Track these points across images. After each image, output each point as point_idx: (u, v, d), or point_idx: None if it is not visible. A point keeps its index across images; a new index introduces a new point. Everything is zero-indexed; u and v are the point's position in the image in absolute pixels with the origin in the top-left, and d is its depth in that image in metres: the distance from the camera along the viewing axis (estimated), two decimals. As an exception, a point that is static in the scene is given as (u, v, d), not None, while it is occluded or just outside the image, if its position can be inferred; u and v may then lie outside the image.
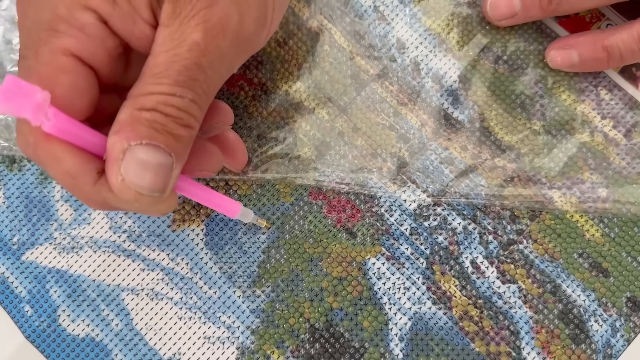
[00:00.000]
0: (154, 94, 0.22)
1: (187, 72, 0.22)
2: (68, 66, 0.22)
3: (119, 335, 0.30)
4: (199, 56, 0.23)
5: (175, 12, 0.23)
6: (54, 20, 0.22)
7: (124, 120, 0.22)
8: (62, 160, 0.22)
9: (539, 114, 0.32)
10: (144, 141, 0.21)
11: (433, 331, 0.30)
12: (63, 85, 0.22)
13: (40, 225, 0.32)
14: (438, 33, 0.33)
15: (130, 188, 0.22)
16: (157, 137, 0.22)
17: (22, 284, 0.31)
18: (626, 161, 0.31)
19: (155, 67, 0.22)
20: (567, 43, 0.32)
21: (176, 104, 0.22)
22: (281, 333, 0.30)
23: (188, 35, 0.22)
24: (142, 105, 0.22)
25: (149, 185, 0.22)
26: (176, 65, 0.22)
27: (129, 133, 0.21)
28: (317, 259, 0.31)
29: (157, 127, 0.22)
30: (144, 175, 0.22)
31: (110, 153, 0.22)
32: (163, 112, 0.22)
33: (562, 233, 0.31)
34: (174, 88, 0.22)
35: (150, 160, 0.22)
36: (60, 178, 0.23)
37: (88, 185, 0.22)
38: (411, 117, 0.32)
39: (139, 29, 0.23)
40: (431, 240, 0.31)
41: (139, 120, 0.22)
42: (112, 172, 0.22)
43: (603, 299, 0.30)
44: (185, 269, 0.31)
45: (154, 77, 0.22)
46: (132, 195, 0.22)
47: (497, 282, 0.30)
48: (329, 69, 0.33)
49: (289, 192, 0.32)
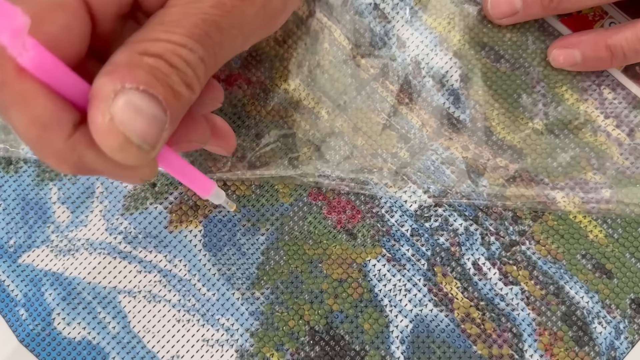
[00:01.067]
0: (161, 41, 0.20)
1: (203, 27, 0.20)
2: (68, 3, 0.19)
3: (116, 338, 0.30)
4: (221, 15, 0.21)
5: None
6: None
7: (120, 61, 0.19)
8: (34, 103, 0.18)
9: (541, 113, 0.32)
10: (141, 87, 0.19)
11: (434, 333, 0.29)
12: (56, 22, 0.19)
13: (37, 227, 0.31)
14: (439, 32, 0.33)
15: (118, 131, 0.18)
16: (156, 86, 0.19)
17: (18, 287, 0.31)
18: (630, 161, 0.31)
19: (168, 15, 0.20)
20: (570, 42, 0.31)
21: (185, 56, 0.20)
22: (280, 335, 0.29)
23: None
24: (146, 49, 0.19)
25: (140, 131, 0.19)
26: (193, 17, 0.20)
27: (125, 75, 0.19)
28: (317, 260, 0.30)
29: (158, 75, 0.19)
30: (137, 120, 0.19)
31: (98, 91, 0.19)
32: (168, 61, 0.19)
33: (565, 234, 0.30)
34: (185, 39, 0.20)
35: (144, 107, 0.19)
36: (26, 127, 0.19)
37: (60, 138, 0.19)
38: (412, 116, 0.32)
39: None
40: (432, 242, 0.30)
41: (138, 64, 0.19)
42: (99, 110, 0.18)
43: (607, 300, 0.29)
44: (183, 270, 0.31)
45: (165, 24, 0.20)
46: (119, 140, 0.19)
47: (499, 284, 0.30)
48: (329, 68, 0.33)
49: (288, 193, 0.31)
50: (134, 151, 0.19)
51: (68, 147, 0.19)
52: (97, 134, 0.19)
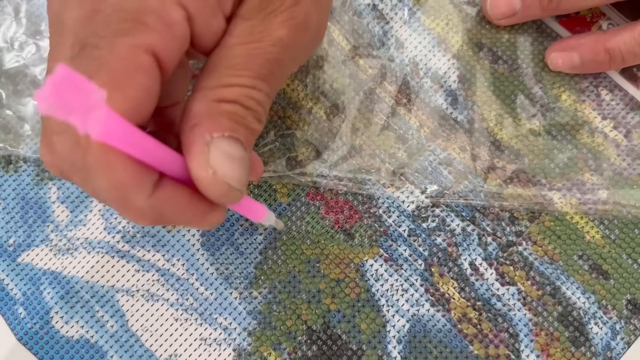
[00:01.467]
0: (234, 86, 0.21)
1: (268, 66, 0.22)
2: (146, 65, 0.19)
3: (115, 336, 0.30)
4: (281, 52, 0.22)
5: (262, 6, 0.22)
6: (142, 11, 0.19)
7: (201, 112, 0.21)
8: (115, 168, 0.19)
9: (539, 114, 0.32)
10: (227, 133, 0.20)
11: (431, 333, 0.29)
12: (136, 86, 0.19)
13: (36, 226, 0.31)
14: (437, 32, 0.33)
15: (222, 181, 0.20)
16: (238, 130, 0.21)
17: (17, 286, 0.31)
18: (627, 162, 0.31)
19: (232, 58, 0.21)
20: (568, 45, 0.31)
21: (256, 97, 0.21)
22: (278, 335, 0.30)
23: (274, 31, 0.22)
24: (222, 96, 0.21)
25: (239, 177, 0.21)
26: (258, 58, 0.21)
27: (211, 125, 0.20)
28: (315, 260, 0.31)
29: (237, 119, 0.21)
30: (233, 168, 0.20)
31: (193, 146, 0.20)
32: (244, 105, 0.21)
33: (562, 235, 0.30)
34: (255, 81, 0.21)
35: (234, 152, 0.20)
36: (108, 190, 0.20)
37: (142, 198, 0.20)
38: (410, 117, 0.32)
39: (217, 25, 0.22)
40: (430, 242, 0.31)
41: (219, 112, 0.20)
42: (200, 165, 0.20)
43: (603, 301, 0.30)
44: (181, 270, 0.31)
45: (233, 68, 0.21)
46: (223, 189, 0.20)
47: (496, 284, 0.30)
48: (327, 68, 0.33)
49: (286, 193, 0.31)
50: (236, 194, 0.21)
51: (149, 205, 0.20)
52: (203, 186, 0.20)
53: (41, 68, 0.33)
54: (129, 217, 0.21)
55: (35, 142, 0.32)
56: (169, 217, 0.21)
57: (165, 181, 0.20)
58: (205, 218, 0.22)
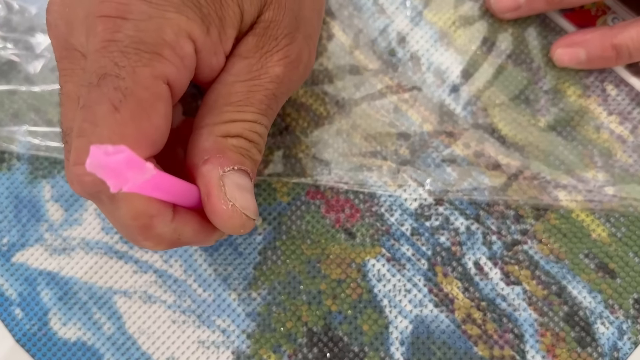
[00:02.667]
0: (238, 121, 0.23)
1: (267, 101, 0.24)
2: (165, 94, 0.21)
3: (111, 339, 0.29)
4: (277, 87, 0.24)
5: (258, 46, 0.24)
6: (160, 45, 0.21)
7: (210, 147, 0.22)
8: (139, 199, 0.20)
9: (543, 110, 0.31)
10: (236, 167, 0.22)
11: (435, 335, 0.29)
12: (160, 114, 0.21)
13: (30, 226, 0.31)
14: (439, 27, 0.32)
15: (240, 213, 0.22)
16: (245, 162, 0.23)
17: (13, 287, 0.30)
18: (633, 158, 0.30)
19: (234, 95, 0.23)
20: (574, 41, 0.31)
21: (258, 131, 0.23)
22: (278, 337, 0.29)
23: (270, 68, 0.24)
24: (227, 132, 0.23)
25: (253, 207, 0.23)
26: (258, 94, 0.23)
27: (221, 159, 0.22)
28: (315, 260, 0.30)
29: (243, 152, 0.23)
30: (248, 198, 0.22)
31: (209, 181, 0.22)
32: (248, 138, 0.23)
33: (568, 233, 0.30)
34: (257, 116, 0.23)
35: (244, 184, 0.22)
36: (132, 219, 0.21)
37: (164, 224, 0.21)
38: (412, 113, 0.31)
39: (216, 61, 0.23)
40: (433, 241, 0.30)
41: (226, 147, 0.22)
42: (219, 199, 0.22)
43: (610, 300, 0.29)
44: (179, 271, 0.30)
45: (235, 104, 0.23)
46: (242, 220, 0.22)
47: (500, 284, 0.29)
48: (327, 64, 0.32)
49: (285, 192, 0.31)
50: (251, 223, 0.23)
51: (171, 230, 0.22)
52: (222, 218, 0.22)
53: (34, 64, 0.32)
54: (148, 244, 0.22)
55: (29, 140, 0.32)
56: (184, 240, 0.23)
57: (179, 208, 0.22)
58: (212, 237, 0.24)
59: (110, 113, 0.20)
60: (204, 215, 0.23)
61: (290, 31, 0.25)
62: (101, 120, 0.20)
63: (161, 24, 0.21)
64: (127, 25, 0.20)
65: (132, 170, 0.16)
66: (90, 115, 0.20)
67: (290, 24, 0.25)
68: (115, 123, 0.20)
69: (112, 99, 0.20)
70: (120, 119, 0.20)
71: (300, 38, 0.25)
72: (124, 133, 0.20)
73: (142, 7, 0.21)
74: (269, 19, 0.24)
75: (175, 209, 0.22)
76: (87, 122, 0.20)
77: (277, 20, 0.24)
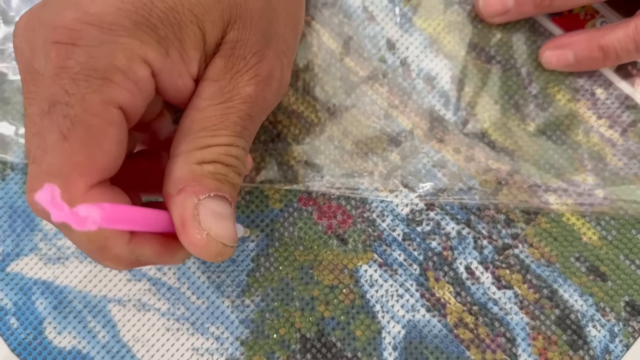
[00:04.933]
0: (213, 146, 0.22)
1: (242, 123, 0.23)
2: (116, 119, 0.21)
3: (106, 347, 0.29)
4: (251, 107, 0.24)
5: (227, 67, 0.23)
6: (110, 70, 0.20)
7: (185, 176, 0.22)
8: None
9: (533, 114, 0.31)
10: (212, 193, 0.22)
11: (427, 339, 0.29)
12: (111, 139, 0.21)
13: (25, 235, 0.31)
14: (429, 33, 0.33)
15: (216, 241, 0.22)
16: (222, 188, 0.22)
17: (8, 296, 0.30)
18: (623, 162, 0.31)
19: (207, 120, 0.23)
20: (562, 43, 0.31)
21: (234, 154, 0.23)
22: (271, 344, 0.29)
23: (241, 89, 0.23)
24: (202, 158, 0.22)
25: (231, 235, 0.22)
26: (231, 117, 0.23)
27: (196, 188, 0.22)
28: (308, 266, 0.30)
29: (220, 178, 0.22)
30: (225, 226, 0.22)
31: (183, 211, 0.21)
32: (224, 163, 0.23)
33: (559, 236, 0.30)
34: (232, 139, 0.23)
35: (223, 211, 0.22)
36: (88, 242, 0.21)
37: (120, 246, 0.21)
38: (402, 119, 0.32)
39: (182, 84, 0.23)
40: (424, 246, 0.30)
41: (202, 174, 0.22)
42: (193, 228, 0.21)
43: (601, 303, 0.29)
44: (173, 278, 0.30)
45: (208, 129, 0.23)
46: (218, 248, 0.22)
47: (492, 288, 0.29)
48: (318, 71, 0.32)
49: (278, 199, 0.31)
50: (229, 251, 0.22)
51: (128, 251, 0.22)
52: (197, 249, 0.22)
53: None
54: (108, 264, 0.22)
55: (23, 150, 0.32)
56: (145, 261, 0.23)
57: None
58: (177, 257, 0.24)
59: (60, 141, 0.20)
60: (167, 236, 0.22)
61: (259, 49, 0.24)
62: (51, 149, 0.20)
63: (112, 50, 0.20)
64: (79, 52, 0.20)
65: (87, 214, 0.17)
66: (41, 143, 0.20)
67: (259, 41, 0.24)
68: (64, 151, 0.20)
69: (61, 127, 0.20)
70: (69, 147, 0.20)
71: (272, 55, 0.25)
72: (73, 161, 0.20)
73: (94, 33, 0.20)
74: (234, 39, 0.24)
75: (134, 233, 0.22)
76: (39, 149, 0.21)
77: (243, 39, 0.24)
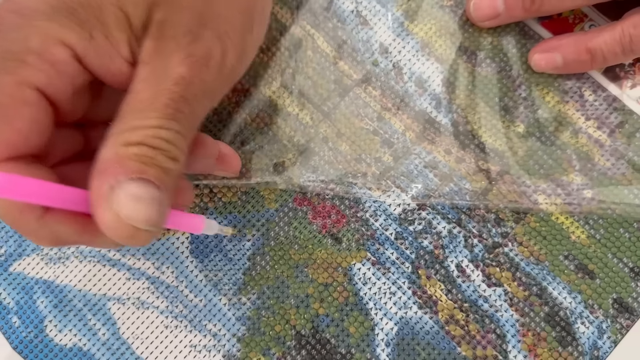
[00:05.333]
0: (140, 128, 0.22)
1: (174, 105, 0.22)
2: (31, 99, 0.21)
3: (106, 344, 0.30)
4: (185, 89, 0.23)
5: (158, 50, 0.23)
6: (24, 52, 0.21)
7: (108, 157, 0.21)
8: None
9: (522, 116, 0.32)
10: (135, 175, 0.21)
11: (419, 336, 0.30)
12: (24, 118, 0.21)
13: (26, 235, 0.32)
14: (421, 37, 0.33)
15: (126, 224, 0.21)
16: (147, 170, 0.21)
17: (10, 295, 0.31)
18: (611, 162, 0.31)
19: (139, 102, 0.22)
20: (550, 46, 0.31)
21: (164, 136, 0.22)
22: (267, 340, 0.30)
23: (173, 70, 0.23)
24: (128, 140, 0.21)
25: (145, 218, 0.21)
26: (162, 98, 0.22)
27: (117, 170, 0.21)
28: (303, 265, 0.31)
29: (146, 160, 0.21)
30: (139, 209, 0.21)
31: (96, 191, 0.21)
32: (151, 145, 0.22)
33: (548, 235, 0.31)
34: (161, 121, 0.22)
35: (143, 194, 0.21)
36: (4, 213, 0.22)
37: (33, 219, 0.22)
38: (395, 121, 0.32)
39: (115, 67, 0.23)
40: (416, 245, 0.31)
41: (126, 156, 0.21)
42: (103, 210, 0.21)
43: (589, 300, 0.30)
44: (171, 277, 0.31)
45: (139, 112, 0.22)
46: (128, 231, 0.21)
47: (482, 286, 0.30)
48: (312, 75, 0.33)
49: (273, 199, 0.32)
50: (143, 235, 0.22)
51: (41, 226, 0.22)
52: (107, 230, 0.21)
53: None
54: (31, 238, 0.23)
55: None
56: (67, 239, 0.23)
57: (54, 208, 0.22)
58: (99, 237, 0.23)
59: None
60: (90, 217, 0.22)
61: (191, 29, 0.24)
62: None
63: (27, 33, 0.21)
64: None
65: None
66: None
67: (191, 21, 0.24)
68: None
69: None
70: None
71: (208, 35, 0.24)
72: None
73: (12, 18, 0.22)
74: (161, 19, 0.23)
75: (48, 208, 0.22)
76: None
77: (172, 19, 0.23)
